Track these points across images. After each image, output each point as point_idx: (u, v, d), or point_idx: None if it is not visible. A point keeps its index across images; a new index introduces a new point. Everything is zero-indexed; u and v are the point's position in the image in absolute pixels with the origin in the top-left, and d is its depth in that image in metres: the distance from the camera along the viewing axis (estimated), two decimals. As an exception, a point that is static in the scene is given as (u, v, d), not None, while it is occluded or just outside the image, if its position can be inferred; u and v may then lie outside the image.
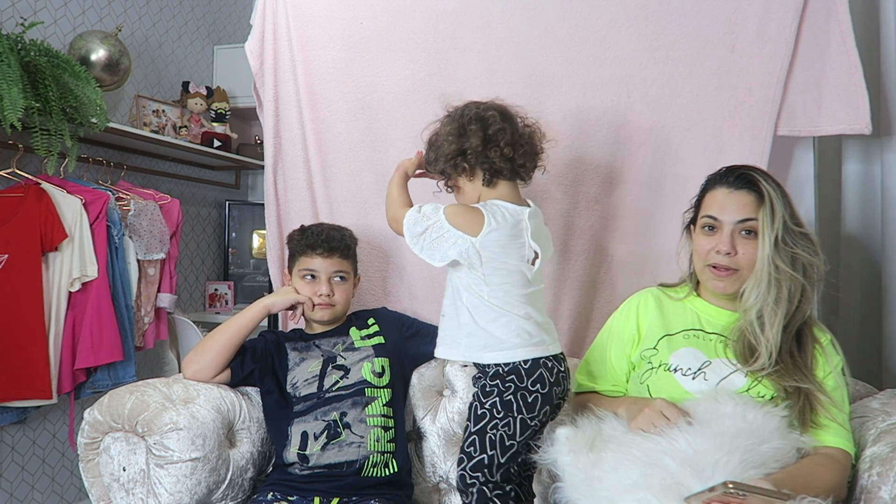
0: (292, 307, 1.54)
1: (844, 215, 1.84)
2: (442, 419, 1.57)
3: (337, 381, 1.49)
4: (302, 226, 1.61)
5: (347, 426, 1.44)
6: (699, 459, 1.00)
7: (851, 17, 1.52)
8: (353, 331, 1.58)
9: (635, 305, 1.37)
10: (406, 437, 1.54)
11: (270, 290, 1.71)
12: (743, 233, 1.23)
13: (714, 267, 1.26)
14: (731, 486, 0.91)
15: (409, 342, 1.61)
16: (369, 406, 1.48)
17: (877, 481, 1.13)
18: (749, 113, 1.61)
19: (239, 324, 1.49)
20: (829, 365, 1.21)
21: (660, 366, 1.26)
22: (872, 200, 1.81)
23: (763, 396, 1.17)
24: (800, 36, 1.56)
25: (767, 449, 1.05)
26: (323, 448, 1.42)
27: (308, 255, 1.53)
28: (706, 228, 1.27)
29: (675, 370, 1.24)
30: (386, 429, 1.47)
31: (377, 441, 1.44)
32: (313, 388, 1.48)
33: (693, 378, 1.22)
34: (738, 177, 1.24)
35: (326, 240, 1.53)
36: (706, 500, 0.94)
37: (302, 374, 1.50)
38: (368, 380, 1.50)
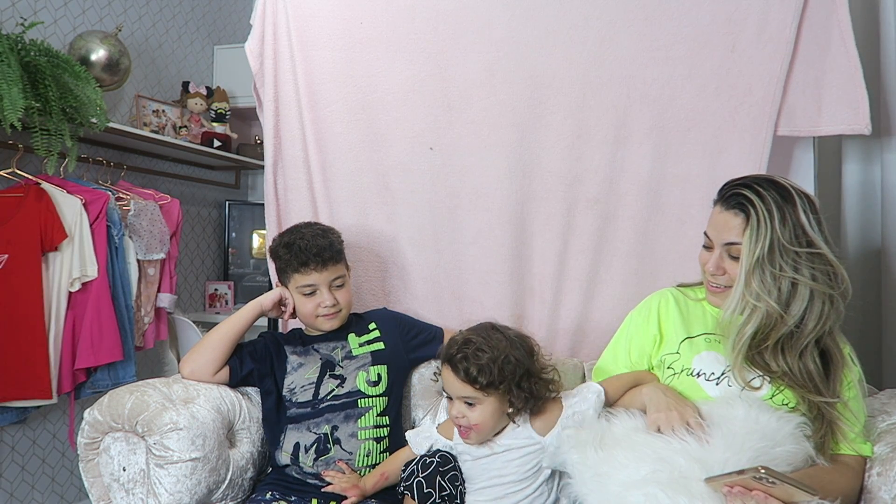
0: (282, 304, 1.54)
1: (844, 216, 1.84)
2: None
3: (332, 390, 1.48)
4: (283, 238, 1.54)
5: (337, 442, 1.43)
6: (708, 457, 1.01)
7: (851, 17, 1.52)
8: (351, 337, 1.56)
9: (656, 306, 1.36)
10: (405, 440, 1.54)
11: (270, 290, 1.70)
12: (727, 255, 1.22)
13: (710, 282, 1.27)
14: (763, 471, 0.91)
15: (410, 345, 1.60)
16: (361, 418, 1.47)
17: (877, 481, 1.13)
18: (749, 113, 1.61)
19: (233, 322, 1.49)
20: (850, 375, 1.20)
21: (682, 371, 1.25)
22: (872, 200, 1.81)
23: (786, 404, 1.16)
24: (800, 36, 1.56)
25: (780, 452, 1.05)
26: (313, 462, 1.42)
27: (302, 272, 1.48)
28: (704, 245, 1.28)
29: (699, 375, 1.23)
30: (378, 440, 1.46)
31: (367, 455, 1.44)
32: (309, 396, 1.47)
33: (717, 383, 1.21)
34: (732, 195, 1.21)
35: (317, 253, 1.47)
36: (730, 483, 0.95)
37: (299, 379, 1.50)
38: (362, 390, 1.49)
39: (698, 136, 1.65)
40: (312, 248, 1.47)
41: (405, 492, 1.29)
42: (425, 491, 1.24)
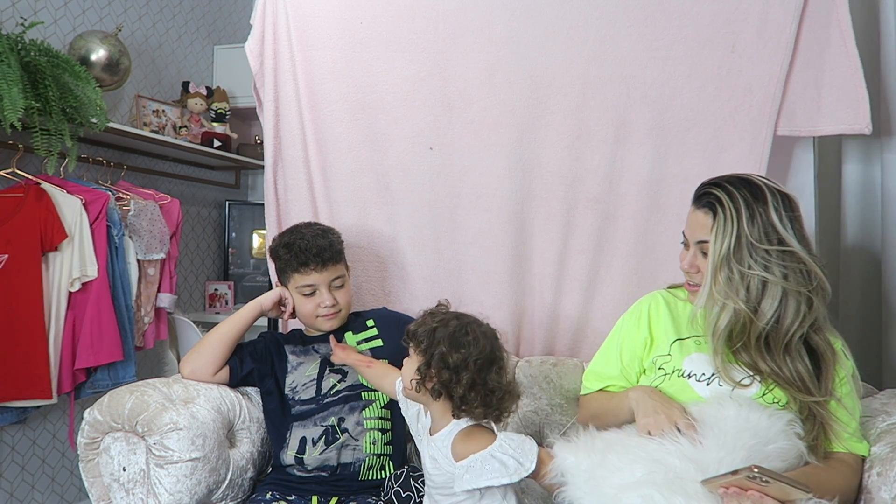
0: (282, 304, 1.54)
1: (844, 215, 1.84)
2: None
3: (334, 385, 1.49)
4: (283, 238, 1.53)
5: (346, 431, 1.45)
6: (702, 457, 1.02)
7: (851, 17, 1.52)
8: (348, 336, 1.57)
9: (646, 309, 1.37)
10: (406, 438, 1.54)
11: (270, 290, 1.71)
12: (700, 253, 1.23)
13: (687, 281, 1.29)
14: (756, 470, 0.91)
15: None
16: (366, 409, 1.48)
17: (877, 481, 1.13)
18: (749, 113, 1.61)
19: (233, 322, 1.49)
20: (843, 370, 1.20)
21: (673, 372, 1.26)
22: (872, 201, 1.81)
23: (777, 402, 1.16)
24: (800, 36, 1.56)
25: (773, 449, 1.05)
26: (321, 453, 1.43)
27: (302, 272, 1.48)
28: (682, 243, 1.30)
29: (689, 376, 1.23)
30: (383, 431, 1.47)
31: (373, 444, 1.45)
32: (311, 393, 1.48)
33: (707, 384, 1.21)
34: (703, 194, 1.23)
35: (317, 253, 1.47)
36: (726, 484, 0.95)
37: (300, 377, 1.50)
38: (365, 383, 1.50)
39: (698, 136, 1.65)
40: (312, 248, 1.48)
41: None
42: (404, 496, 1.31)
